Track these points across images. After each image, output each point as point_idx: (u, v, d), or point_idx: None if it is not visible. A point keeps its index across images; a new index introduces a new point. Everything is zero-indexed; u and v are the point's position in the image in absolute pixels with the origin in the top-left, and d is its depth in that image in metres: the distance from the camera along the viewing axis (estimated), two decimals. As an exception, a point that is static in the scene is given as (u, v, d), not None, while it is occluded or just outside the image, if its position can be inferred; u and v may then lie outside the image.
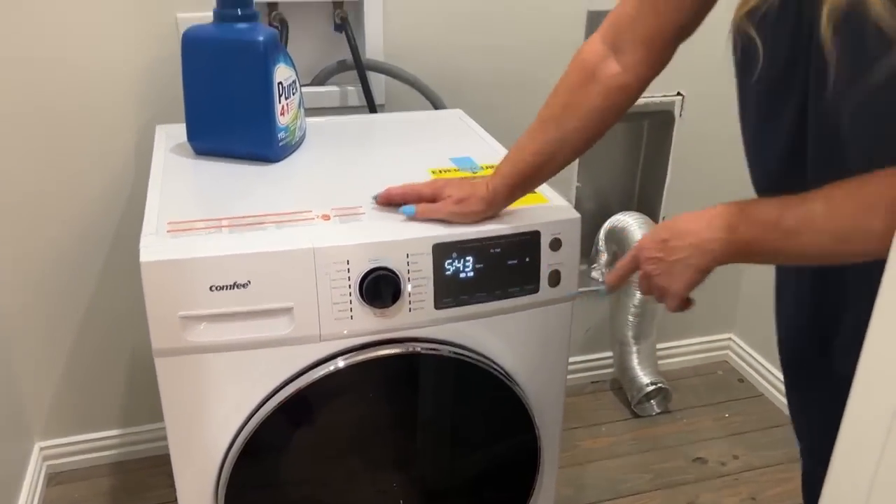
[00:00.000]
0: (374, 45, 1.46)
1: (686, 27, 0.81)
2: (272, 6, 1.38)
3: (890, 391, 0.45)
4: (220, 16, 1.08)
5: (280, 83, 1.10)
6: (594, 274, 1.76)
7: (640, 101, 0.89)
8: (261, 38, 1.06)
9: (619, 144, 1.82)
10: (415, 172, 1.09)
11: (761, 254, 0.68)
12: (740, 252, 0.69)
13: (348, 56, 1.43)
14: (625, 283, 0.85)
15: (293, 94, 1.15)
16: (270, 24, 1.38)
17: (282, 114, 1.12)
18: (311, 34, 1.45)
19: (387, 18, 1.45)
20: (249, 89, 1.08)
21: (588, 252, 1.78)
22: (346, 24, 1.41)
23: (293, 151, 1.18)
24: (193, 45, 1.08)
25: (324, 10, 1.43)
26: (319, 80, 1.46)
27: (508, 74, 1.55)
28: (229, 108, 1.10)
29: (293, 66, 1.16)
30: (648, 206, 1.84)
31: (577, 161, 1.73)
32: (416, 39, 1.48)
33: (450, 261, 0.94)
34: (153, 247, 0.88)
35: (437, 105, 1.48)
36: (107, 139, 1.38)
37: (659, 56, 0.84)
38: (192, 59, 1.09)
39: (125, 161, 1.40)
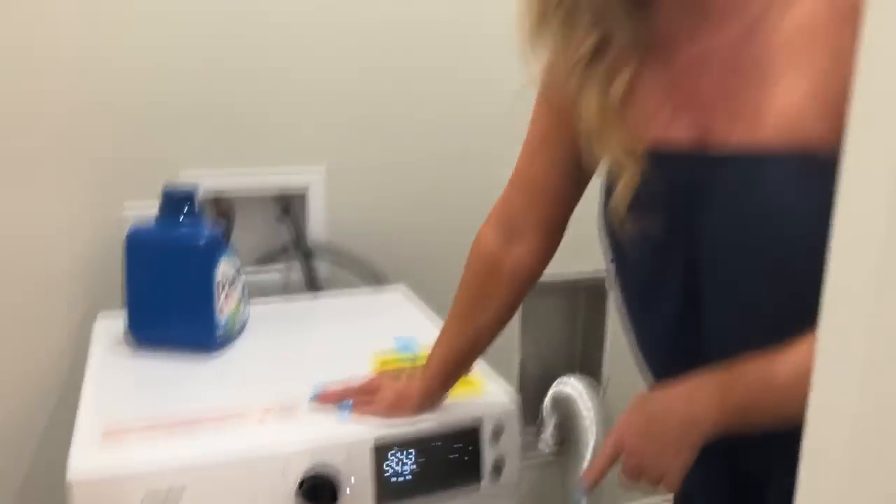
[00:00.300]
0: (318, 227, 1.51)
1: (575, 201, 0.87)
2: (217, 199, 1.43)
3: None
4: (163, 217, 1.12)
5: (222, 278, 1.13)
6: (541, 443, 1.75)
7: (574, 275, 0.94)
8: (203, 240, 1.10)
9: (557, 314, 1.88)
10: (357, 357, 1.11)
11: (759, 417, 0.65)
12: (736, 419, 0.65)
13: (292, 239, 1.48)
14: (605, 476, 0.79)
15: (235, 286, 1.18)
16: (216, 214, 1.43)
17: (223, 307, 1.14)
18: (256, 220, 1.49)
19: (330, 201, 1.52)
20: (191, 287, 1.10)
21: (534, 419, 1.79)
22: (290, 211, 1.47)
23: (234, 341, 1.19)
24: (137, 245, 1.11)
25: (269, 199, 1.49)
26: (263, 262, 1.50)
27: (449, 246, 1.61)
28: (171, 303, 1.12)
29: (236, 258, 1.19)
30: (591, 369, 1.87)
31: (517, 328, 1.78)
32: (359, 218, 1.54)
33: (390, 458, 0.94)
34: (84, 463, 0.86)
35: (380, 281, 1.52)
36: (41, 330, 1.36)
37: (556, 234, 0.90)
38: (136, 259, 1.11)
39: (59, 354, 1.37)
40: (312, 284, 1.50)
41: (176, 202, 1.11)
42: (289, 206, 1.48)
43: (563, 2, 0.70)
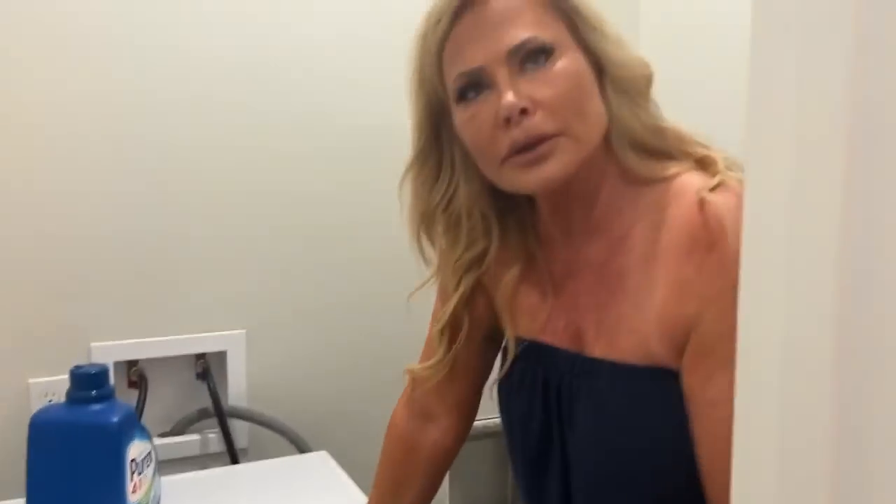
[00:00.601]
0: (237, 390, 1.48)
1: (487, 375, 0.89)
2: (132, 363, 1.38)
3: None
4: (73, 397, 1.07)
5: (133, 460, 1.08)
6: None
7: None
8: (115, 420, 1.05)
9: (488, 461, 1.86)
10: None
11: None
12: None
13: (209, 403, 1.43)
14: None
15: (147, 466, 1.12)
16: (130, 381, 1.38)
17: (133, 491, 1.07)
18: (173, 383, 1.45)
19: (250, 362, 1.48)
20: (100, 472, 1.04)
21: (465, 578, 1.72)
22: (207, 373, 1.43)
23: (145, 527, 1.12)
24: (42, 430, 1.05)
25: (186, 360, 1.45)
26: (178, 429, 1.44)
27: (371, 412, 1.58)
28: (78, 491, 1.05)
29: (149, 437, 1.14)
30: (521, 521, 1.83)
31: (446, 478, 1.74)
32: (279, 380, 1.51)
33: None
34: None
35: (301, 448, 1.48)
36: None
37: (471, 409, 0.91)
38: (40, 445, 1.05)
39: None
40: (230, 452, 1.44)
41: (84, 383, 1.06)
42: (207, 368, 1.44)
43: (447, 211, 0.75)
